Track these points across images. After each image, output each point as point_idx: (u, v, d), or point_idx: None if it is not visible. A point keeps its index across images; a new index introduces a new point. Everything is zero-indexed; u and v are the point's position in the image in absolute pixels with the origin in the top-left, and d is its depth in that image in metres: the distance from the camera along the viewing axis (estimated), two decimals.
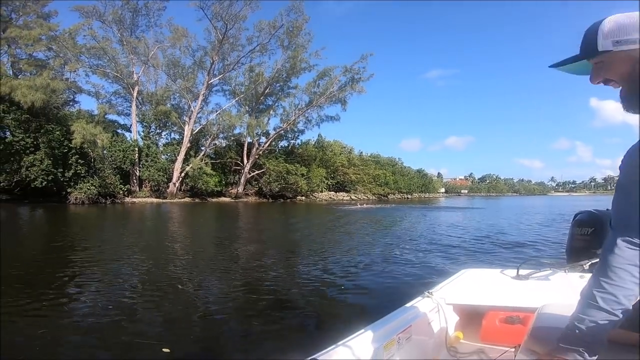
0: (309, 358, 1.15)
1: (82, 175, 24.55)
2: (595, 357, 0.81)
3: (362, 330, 1.45)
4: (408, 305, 1.80)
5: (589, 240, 2.11)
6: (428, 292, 1.94)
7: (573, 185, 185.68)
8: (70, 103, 30.15)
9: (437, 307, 1.87)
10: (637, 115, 0.79)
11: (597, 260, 2.11)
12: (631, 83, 0.77)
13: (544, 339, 1.02)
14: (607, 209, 1.98)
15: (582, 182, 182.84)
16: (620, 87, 0.80)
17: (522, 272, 2.17)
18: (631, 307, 0.80)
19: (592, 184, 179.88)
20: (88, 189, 24.41)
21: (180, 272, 5.85)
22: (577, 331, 0.82)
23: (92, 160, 26.09)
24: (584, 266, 2.10)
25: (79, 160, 24.27)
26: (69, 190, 24.25)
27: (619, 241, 0.77)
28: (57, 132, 23.66)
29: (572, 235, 2.21)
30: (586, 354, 0.81)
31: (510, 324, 1.79)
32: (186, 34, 30.95)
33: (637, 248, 0.76)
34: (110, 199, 26.23)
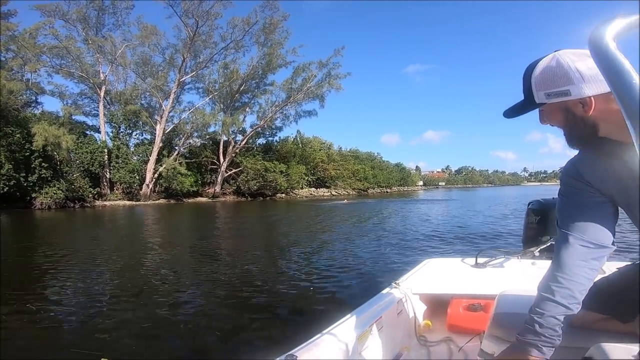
0: (286, 354, 1.14)
1: (47, 179, 23.23)
2: (552, 350, 0.86)
3: (337, 324, 1.46)
4: (377, 296, 1.83)
5: (536, 228, 2.21)
6: (395, 283, 1.97)
7: (544, 175, 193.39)
8: (33, 105, 28.60)
9: (405, 297, 1.91)
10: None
11: (545, 246, 2.25)
12: (567, 129, 0.85)
13: (505, 326, 1.09)
14: (554, 198, 2.10)
15: (553, 171, 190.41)
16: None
17: (480, 260, 2.28)
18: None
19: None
20: (54, 193, 23.19)
21: (152, 274, 5.65)
22: (536, 326, 0.86)
23: (58, 163, 24.80)
24: (534, 252, 2.21)
25: (43, 164, 22.94)
26: (33, 195, 22.95)
27: (570, 239, 0.85)
28: (17, 135, 22.31)
29: (526, 224, 2.31)
30: (546, 348, 0.85)
31: (474, 311, 1.87)
32: (155, 31, 29.80)
33: (586, 245, 0.84)
34: (78, 202, 25.02)
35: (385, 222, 13.94)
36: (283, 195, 39.63)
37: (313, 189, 46.96)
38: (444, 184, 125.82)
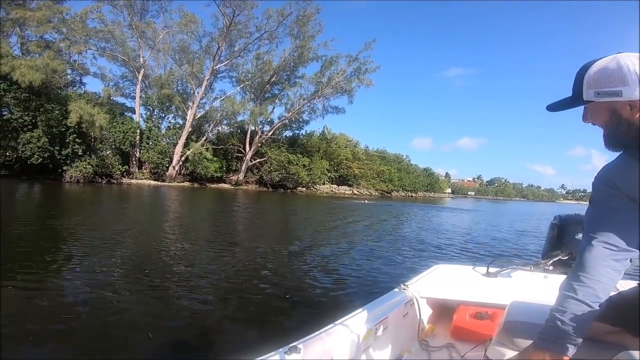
0: (290, 345, 1.17)
1: (79, 154, 24.47)
2: (574, 349, 0.85)
3: (342, 320, 1.47)
4: (385, 296, 1.83)
5: (554, 242, 2.18)
6: (404, 285, 1.96)
7: (583, 194, 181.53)
8: (77, 85, 30.19)
9: (412, 299, 1.90)
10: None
11: (557, 259, 2.19)
12: (609, 130, 0.87)
13: (515, 334, 1.07)
14: (576, 214, 2.19)
15: None
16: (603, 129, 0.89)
17: (492, 269, 2.25)
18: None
19: None
20: (84, 168, 24.41)
21: (159, 256, 5.67)
22: (558, 323, 0.87)
23: (92, 140, 26.08)
24: (548, 266, 2.17)
25: (77, 140, 24.18)
26: (65, 168, 24.23)
27: (594, 242, 0.86)
28: (56, 112, 23.59)
29: (547, 238, 2.28)
30: (568, 346, 0.85)
31: (480, 319, 1.86)
32: (195, 19, 30.58)
33: (609, 248, 0.85)
34: (105, 178, 26.18)
35: (401, 226, 13.75)
36: (304, 189, 39.67)
37: (335, 185, 46.64)
38: (473, 193, 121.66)
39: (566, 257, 2.23)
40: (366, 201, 30.40)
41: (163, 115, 33.45)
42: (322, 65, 35.11)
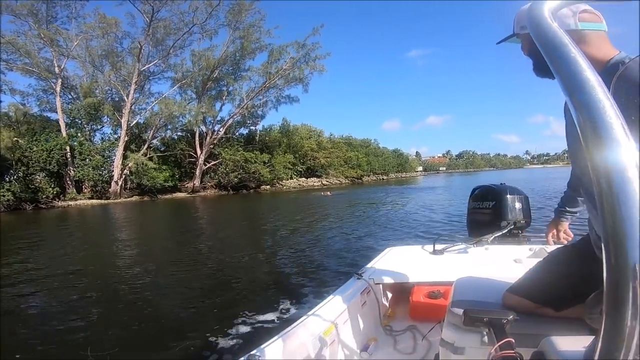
0: (247, 354, 1.12)
1: None
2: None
3: (301, 320, 1.46)
4: (340, 288, 1.84)
5: (491, 214, 2.26)
6: (357, 274, 2.00)
7: (547, 158, 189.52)
8: None
9: (368, 287, 1.91)
10: None
11: (500, 233, 2.42)
12: (531, 57, 1.00)
13: (461, 313, 1.06)
14: (502, 183, 2.37)
15: (556, 154, 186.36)
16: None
17: (438, 247, 2.36)
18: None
19: (565, 155, 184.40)
20: (3, 195, 21.20)
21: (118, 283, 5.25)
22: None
23: (10, 163, 22.87)
24: (489, 240, 2.27)
25: None
26: None
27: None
28: None
29: (472, 209, 2.34)
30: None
31: (434, 298, 1.94)
32: (115, 21, 27.42)
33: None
34: (31, 204, 23.00)
35: (361, 212, 13.44)
36: (268, 187, 37.51)
37: (303, 179, 44.68)
38: (444, 169, 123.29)
39: (506, 232, 2.28)
40: (329, 193, 26.56)
41: (96, 127, 30.22)
42: (268, 54, 32.98)
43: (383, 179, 62.89)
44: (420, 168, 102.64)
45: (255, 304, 4.01)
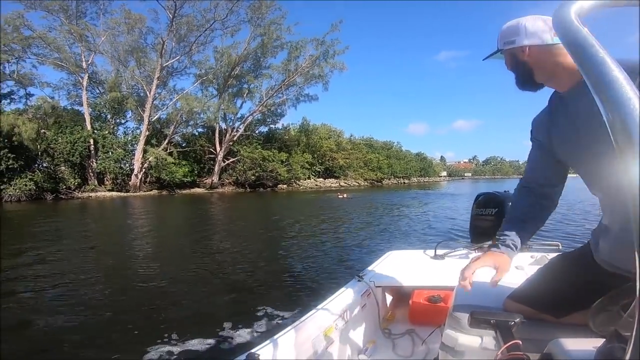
0: (247, 353, 1.12)
1: (16, 170, 21.91)
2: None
3: (301, 320, 1.45)
4: (341, 289, 1.82)
5: (493, 220, 2.21)
6: (358, 276, 1.98)
7: None
8: (21, 97, 27.58)
9: (368, 289, 1.90)
10: None
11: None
12: (514, 71, 1.03)
13: (463, 317, 1.05)
14: (505, 191, 2.35)
15: None
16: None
17: (439, 252, 2.39)
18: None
19: None
20: (25, 185, 21.94)
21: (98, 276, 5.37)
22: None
23: (37, 154, 23.70)
24: (490, 246, 2.03)
25: (9, 155, 21.60)
26: (2, 187, 21.66)
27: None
28: None
29: (475, 215, 2.33)
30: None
31: (434, 303, 1.95)
32: (141, 18, 27.99)
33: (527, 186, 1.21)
34: (52, 194, 23.61)
35: (374, 217, 13.06)
36: (285, 186, 37.26)
37: (320, 179, 44.19)
38: (470, 175, 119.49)
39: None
40: (345, 195, 24.10)
41: (120, 121, 30.97)
42: (288, 52, 32.71)
43: (404, 182, 61.44)
44: (444, 173, 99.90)
45: (255, 303, 3.98)
